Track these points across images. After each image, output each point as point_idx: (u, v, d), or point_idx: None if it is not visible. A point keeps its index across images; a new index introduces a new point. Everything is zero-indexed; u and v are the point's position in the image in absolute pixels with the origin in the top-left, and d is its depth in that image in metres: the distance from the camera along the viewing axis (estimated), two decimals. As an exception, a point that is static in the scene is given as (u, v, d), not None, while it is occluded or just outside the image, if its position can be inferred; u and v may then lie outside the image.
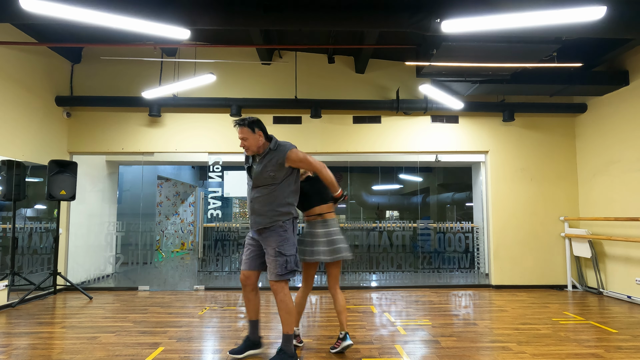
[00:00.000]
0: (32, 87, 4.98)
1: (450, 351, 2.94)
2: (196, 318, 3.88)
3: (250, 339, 2.86)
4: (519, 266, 5.55)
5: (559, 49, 4.10)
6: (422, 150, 5.75)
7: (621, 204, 4.91)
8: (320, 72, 5.80)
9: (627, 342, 3.15)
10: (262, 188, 2.69)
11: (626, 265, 4.81)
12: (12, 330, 3.49)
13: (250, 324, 2.88)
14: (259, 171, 2.69)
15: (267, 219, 2.66)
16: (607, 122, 5.20)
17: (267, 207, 2.66)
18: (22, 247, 4.95)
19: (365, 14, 3.78)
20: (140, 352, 2.90)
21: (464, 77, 4.76)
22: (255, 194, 2.70)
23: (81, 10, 3.27)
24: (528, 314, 4.08)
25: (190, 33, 3.63)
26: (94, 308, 4.33)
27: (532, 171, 5.69)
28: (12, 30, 4.69)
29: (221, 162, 5.73)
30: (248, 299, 2.86)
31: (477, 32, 3.56)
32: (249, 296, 2.85)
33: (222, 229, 5.79)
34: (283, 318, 2.69)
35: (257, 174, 2.69)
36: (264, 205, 2.67)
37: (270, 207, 2.66)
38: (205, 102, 5.51)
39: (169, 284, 5.85)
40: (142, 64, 5.66)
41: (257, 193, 2.70)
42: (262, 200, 2.68)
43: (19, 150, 4.74)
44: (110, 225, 5.98)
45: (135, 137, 5.64)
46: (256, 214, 2.69)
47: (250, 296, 2.85)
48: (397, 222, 6.16)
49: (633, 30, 3.71)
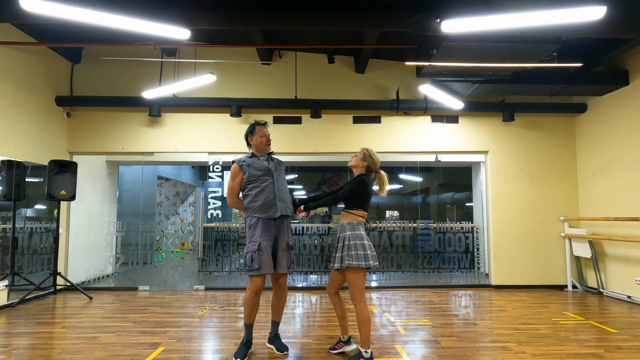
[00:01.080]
0: (32, 87, 4.98)
1: (450, 351, 2.94)
2: (196, 318, 3.88)
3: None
4: (519, 266, 5.55)
5: (559, 49, 4.10)
6: (422, 150, 5.75)
7: (621, 204, 4.91)
8: (320, 72, 5.80)
9: (627, 342, 3.15)
10: (282, 179, 2.96)
11: (626, 265, 4.81)
12: (12, 330, 3.49)
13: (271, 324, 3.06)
14: (276, 163, 2.97)
15: (289, 206, 2.91)
16: (607, 122, 5.20)
17: (287, 196, 2.95)
18: (22, 247, 4.95)
19: (365, 14, 3.78)
20: (140, 352, 2.90)
21: (464, 77, 4.75)
22: (282, 182, 2.93)
23: (81, 10, 3.27)
24: (528, 314, 4.08)
25: (190, 33, 3.63)
26: (94, 308, 4.33)
27: (532, 171, 5.69)
28: (12, 30, 4.69)
29: (221, 162, 5.73)
30: (259, 303, 2.94)
31: (477, 32, 3.55)
32: (276, 296, 2.98)
33: (222, 229, 5.79)
34: (282, 310, 2.99)
35: (276, 165, 2.96)
36: (287, 194, 2.95)
37: (288, 196, 2.98)
38: (205, 102, 5.51)
39: (169, 284, 5.85)
40: (142, 64, 5.65)
41: (283, 181, 2.96)
42: (286, 189, 2.95)
43: (19, 150, 4.74)
44: (110, 225, 5.98)
45: (135, 137, 5.64)
46: (282, 201, 2.88)
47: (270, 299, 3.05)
48: (397, 222, 6.16)
49: (633, 30, 3.70)
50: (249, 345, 2.87)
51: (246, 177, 2.87)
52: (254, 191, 2.85)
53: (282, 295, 2.93)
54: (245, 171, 2.88)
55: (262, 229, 2.78)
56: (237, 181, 2.90)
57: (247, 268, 2.75)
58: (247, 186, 2.88)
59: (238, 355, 2.74)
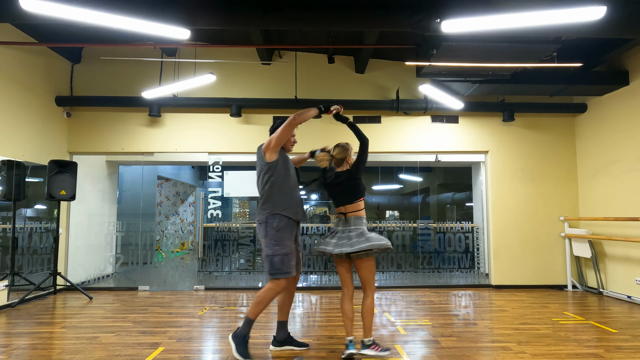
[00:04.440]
0: (32, 87, 4.98)
1: (450, 351, 2.94)
2: (196, 318, 3.88)
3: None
4: (519, 266, 5.55)
5: (559, 49, 4.10)
6: (422, 150, 5.75)
7: (621, 204, 4.91)
8: (320, 72, 5.80)
9: (627, 342, 3.15)
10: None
11: (626, 265, 4.81)
12: (12, 330, 3.49)
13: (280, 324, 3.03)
14: (297, 168, 2.98)
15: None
16: (607, 122, 5.20)
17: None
18: (22, 247, 4.95)
19: (365, 14, 3.78)
20: (140, 352, 2.90)
21: (464, 77, 4.75)
22: (300, 188, 2.94)
23: (81, 10, 3.26)
24: (528, 314, 4.08)
25: (190, 33, 3.63)
26: (94, 308, 4.33)
27: (532, 171, 5.69)
28: (12, 30, 4.69)
29: (221, 162, 5.73)
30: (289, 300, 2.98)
31: (477, 32, 3.55)
32: (290, 297, 2.98)
33: (222, 229, 5.79)
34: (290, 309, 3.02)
35: (298, 171, 2.98)
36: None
37: None
38: (205, 102, 5.51)
39: (169, 284, 5.85)
40: (142, 64, 5.65)
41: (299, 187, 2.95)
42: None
43: (19, 150, 4.73)
44: (110, 225, 5.98)
45: (135, 137, 5.64)
46: (302, 207, 2.87)
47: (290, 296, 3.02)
48: (397, 222, 6.16)
49: (633, 30, 3.70)
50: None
51: (281, 161, 2.76)
52: (286, 185, 2.73)
53: (293, 295, 3.00)
54: (282, 156, 2.78)
55: (289, 232, 2.72)
56: (284, 140, 2.72)
57: (277, 271, 2.64)
58: (279, 172, 2.72)
59: (246, 356, 2.63)
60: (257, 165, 2.85)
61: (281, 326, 2.96)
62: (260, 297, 2.68)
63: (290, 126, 2.69)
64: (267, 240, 2.69)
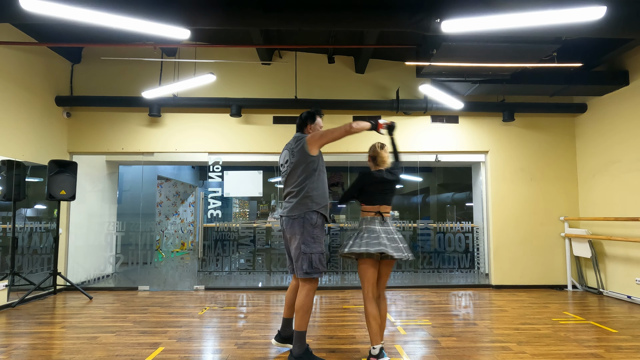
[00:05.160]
0: (32, 87, 4.98)
1: (450, 351, 2.94)
2: (196, 318, 3.88)
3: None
4: (519, 266, 5.55)
5: (559, 49, 4.10)
6: (422, 150, 5.75)
7: (621, 204, 4.91)
8: (320, 72, 5.80)
9: (627, 342, 3.15)
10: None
11: (626, 265, 4.81)
12: (12, 330, 3.49)
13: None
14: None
15: None
16: (607, 122, 5.20)
17: None
18: (22, 247, 4.95)
19: (365, 14, 3.78)
20: (140, 352, 2.90)
21: (464, 77, 4.76)
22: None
23: (81, 10, 3.27)
24: (528, 314, 4.08)
25: (190, 33, 3.63)
26: (94, 308, 4.33)
27: (532, 171, 5.69)
28: (12, 30, 4.69)
29: (221, 162, 5.73)
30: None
31: (477, 32, 3.55)
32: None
33: (222, 229, 5.79)
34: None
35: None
36: None
37: None
38: (205, 102, 5.51)
39: (169, 284, 5.85)
40: (142, 64, 5.65)
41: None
42: None
43: (19, 150, 4.74)
44: (110, 225, 5.98)
45: (135, 137, 5.64)
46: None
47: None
48: (397, 222, 6.15)
49: (633, 30, 3.70)
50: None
51: (321, 158, 2.72)
52: (323, 183, 2.68)
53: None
54: (320, 154, 2.73)
55: (323, 231, 2.69)
56: (333, 141, 2.69)
57: (314, 270, 2.56)
58: (320, 167, 2.68)
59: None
60: (292, 156, 2.69)
61: (287, 323, 2.93)
62: (305, 306, 2.57)
63: (346, 133, 2.66)
64: (304, 237, 2.58)
